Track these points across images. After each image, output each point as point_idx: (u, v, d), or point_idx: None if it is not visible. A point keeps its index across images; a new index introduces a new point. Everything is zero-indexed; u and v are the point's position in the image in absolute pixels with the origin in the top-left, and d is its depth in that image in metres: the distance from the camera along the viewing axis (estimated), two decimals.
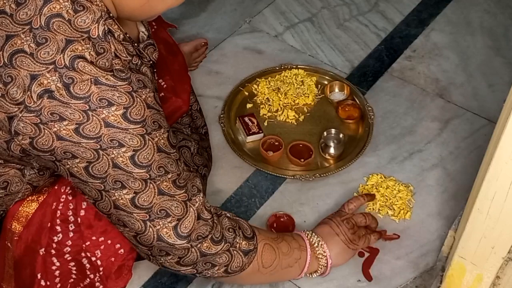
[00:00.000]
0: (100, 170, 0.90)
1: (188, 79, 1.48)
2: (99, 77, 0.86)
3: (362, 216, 1.31)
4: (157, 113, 0.93)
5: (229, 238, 1.05)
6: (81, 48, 0.86)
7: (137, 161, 0.91)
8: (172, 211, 0.97)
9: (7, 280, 1.14)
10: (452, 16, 1.96)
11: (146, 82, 0.92)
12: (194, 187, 1.02)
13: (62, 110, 0.85)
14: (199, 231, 1.01)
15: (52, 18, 0.85)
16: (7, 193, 1.04)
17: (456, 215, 1.37)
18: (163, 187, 0.95)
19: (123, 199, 0.94)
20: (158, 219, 0.96)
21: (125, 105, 0.87)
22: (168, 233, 0.98)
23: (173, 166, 0.96)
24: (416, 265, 1.35)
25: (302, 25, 1.92)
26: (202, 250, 1.02)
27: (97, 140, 0.87)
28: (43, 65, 0.85)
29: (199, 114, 1.49)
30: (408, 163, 1.54)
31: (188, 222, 0.99)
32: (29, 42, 0.85)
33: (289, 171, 1.50)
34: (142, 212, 0.95)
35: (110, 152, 0.89)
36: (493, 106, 1.67)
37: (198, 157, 1.28)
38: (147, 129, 0.90)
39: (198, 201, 1.01)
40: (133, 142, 0.89)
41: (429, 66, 1.79)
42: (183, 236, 0.99)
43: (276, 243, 1.15)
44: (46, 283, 1.10)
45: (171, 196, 0.96)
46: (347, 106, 1.62)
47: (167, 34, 1.50)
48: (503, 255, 1.10)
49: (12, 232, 1.09)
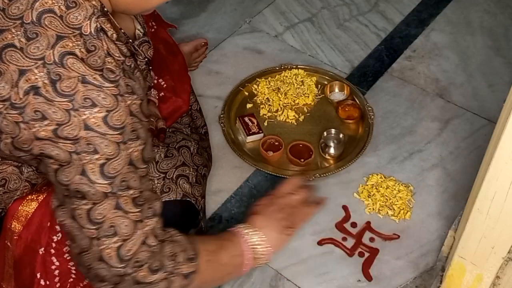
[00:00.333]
0: (67, 176, 0.89)
1: (188, 79, 1.48)
2: (87, 75, 0.85)
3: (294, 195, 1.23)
4: (138, 123, 0.90)
5: (169, 267, 1.01)
6: (71, 45, 0.85)
7: (105, 171, 0.89)
8: (121, 229, 0.94)
9: (7, 280, 1.13)
10: (452, 16, 1.96)
11: (135, 88, 0.90)
12: (151, 210, 0.99)
13: (46, 108, 0.84)
14: (138, 257, 0.97)
15: (44, 13, 0.85)
16: (6, 191, 1.04)
17: (456, 215, 1.37)
18: (121, 201, 0.93)
19: (80, 209, 0.92)
20: (105, 238, 0.94)
21: (108, 108, 0.86)
22: (110, 254, 0.95)
23: (136, 182, 0.93)
24: (416, 265, 1.35)
25: (302, 25, 1.92)
26: (137, 278, 0.99)
27: (74, 142, 0.86)
28: (32, 60, 0.84)
29: (199, 114, 1.49)
30: (408, 163, 1.54)
31: (133, 244, 0.96)
32: (19, 37, 0.84)
33: (289, 171, 1.50)
34: (92, 228, 0.93)
35: (83, 157, 0.87)
36: (493, 106, 1.67)
37: (198, 157, 1.28)
38: (124, 137, 0.88)
39: (149, 224, 0.98)
40: (108, 150, 0.88)
41: (429, 66, 1.80)
42: (124, 259, 0.96)
43: (216, 256, 1.11)
44: (45, 283, 1.10)
45: (125, 213, 0.94)
46: (347, 106, 1.62)
47: (167, 34, 1.50)
48: (503, 255, 1.10)
49: (12, 231, 1.09)
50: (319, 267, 1.34)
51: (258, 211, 1.22)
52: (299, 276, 1.32)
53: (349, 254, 1.36)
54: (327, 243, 1.38)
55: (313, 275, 1.33)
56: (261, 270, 1.32)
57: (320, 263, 1.35)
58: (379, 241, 1.39)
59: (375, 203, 1.44)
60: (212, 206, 1.44)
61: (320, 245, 1.38)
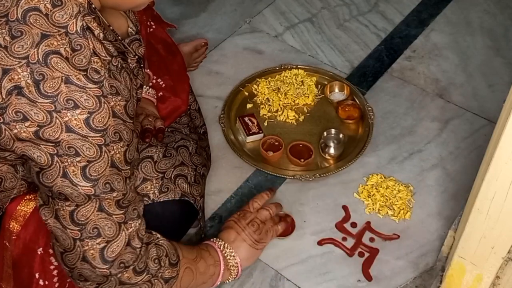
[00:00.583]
0: (49, 178, 0.89)
1: (187, 79, 1.48)
2: (70, 75, 0.84)
3: (265, 210, 1.31)
4: (121, 124, 0.90)
5: (153, 270, 1.03)
6: (56, 44, 0.84)
7: (87, 173, 0.89)
8: (105, 231, 0.95)
9: (6, 280, 1.13)
10: (452, 16, 1.96)
11: (120, 89, 0.90)
12: (135, 211, 0.99)
13: (28, 109, 0.84)
14: (123, 258, 0.98)
15: (29, 11, 0.84)
16: (2, 190, 1.04)
17: (456, 215, 1.37)
18: (104, 204, 0.93)
19: (64, 210, 0.93)
20: (88, 239, 0.95)
21: (90, 109, 0.85)
22: (94, 254, 0.96)
23: (120, 184, 0.93)
24: (416, 265, 1.35)
25: (302, 26, 1.92)
26: (122, 279, 1.00)
27: (55, 144, 0.86)
28: (16, 59, 0.83)
29: (198, 113, 1.49)
30: (408, 163, 1.54)
31: (117, 245, 0.97)
32: (4, 35, 0.84)
33: (289, 171, 1.50)
34: (75, 229, 0.94)
35: (64, 160, 0.87)
36: (493, 106, 1.67)
37: (196, 157, 1.28)
38: (106, 139, 0.88)
39: (133, 226, 0.99)
40: (89, 152, 0.87)
41: (429, 66, 1.79)
42: (108, 261, 0.97)
43: (195, 264, 1.14)
44: (44, 283, 1.10)
45: (109, 215, 0.94)
46: (347, 106, 1.62)
47: (166, 34, 1.50)
48: (503, 255, 1.10)
49: (10, 231, 1.09)
50: (319, 267, 1.34)
51: (230, 226, 1.28)
52: (299, 276, 1.32)
53: (349, 254, 1.36)
54: (327, 243, 1.38)
55: (313, 275, 1.32)
56: (261, 270, 1.32)
57: (320, 263, 1.35)
58: (379, 241, 1.39)
59: (375, 203, 1.44)
60: (212, 206, 1.44)
61: (320, 245, 1.38)
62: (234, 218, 1.29)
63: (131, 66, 1.00)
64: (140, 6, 0.96)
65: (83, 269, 0.98)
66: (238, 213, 1.31)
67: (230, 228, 1.27)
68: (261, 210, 1.31)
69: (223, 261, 1.22)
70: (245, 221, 1.28)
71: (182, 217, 1.23)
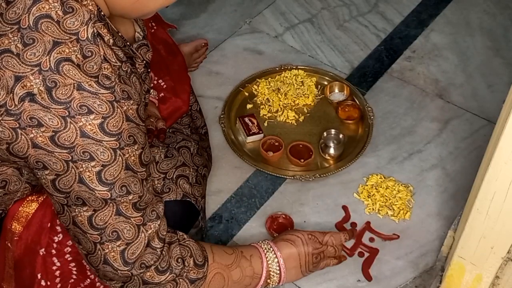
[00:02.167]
0: (66, 184, 0.89)
1: (187, 79, 1.48)
2: (82, 82, 0.85)
3: (333, 250, 1.26)
4: (135, 127, 0.91)
5: (176, 269, 1.03)
6: (68, 51, 0.84)
7: (103, 178, 0.89)
8: (124, 234, 0.96)
9: (7, 280, 1.14)
10: (452, 17, 1.97)
11: (131, 93, 0.90)
12: (154, 212, 1.00)
13: (42, 115, 0.84)
14: (143, 259, 0.99)
15: (40, 18, 0.84)
16: (6, 192, 1.04)
17: (455, 215, 1.37)
18: (121, 207, 0.94)
19: (81, 216, 0.93)
20: (108, 242, 0.95)
21: (104, 114, 0.86)
22: (115, 257, 0.97)
23: (136, 186, 0.94)
24: (416, 265, 1.35)
25: (302, 26, 1.92)
26: (145, 279, 1.01)
27: (70, 150, 0.86)
28: (28, 67, 0.83)
29: (199, 114, 1.50)
30: (408, 164, 1.54)
31: (136, 247, 0.97)
32: (16, 42, 0.84)
33: (289, 172, 1.51)
34: (95, 234, 0.95)
35: (79, 165, 0.87)
36: (492, 106, 1.67)
37: (197, 158, 1.28)
38: (121, 143, 0.88)
39: (153, 227, 0.99)
40: (104, 156, 0.88)
41: (429, 66, 1.80)
42: (129, 262, 0.97)
43: (228, 271, 1.12)
44: (46, 283, 1.10)
45: (127, 218, 0.95)
46: (347, 106, 1.63)
47: (166, 35, 1.51)
48: (503, 255, 1.10)
49: (12, 232, 1.09)
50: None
51: (293, 241, 1.22)
52: None
53: (349, 254, 1.36)
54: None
55: (313, 275, 1.32)
56: None
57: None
58: (379, 241, 1.39)
59: (375, 203, 1.45)
60: (212, 206, 1.44)
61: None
62: (303, 238, 1.22)
63: (139, 71, 1.01)
64: (148, 14, 0.96)
65: (105, 271, 0.99)
66: (308, 235, 1.23)
67: (294, 246, 1.21)
68: (330, 247, 1.26)
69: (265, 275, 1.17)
70: (312, 249, 1.22)
71: (184, 217, 1.23)
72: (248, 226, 1.41)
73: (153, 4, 0.92)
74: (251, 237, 1.39)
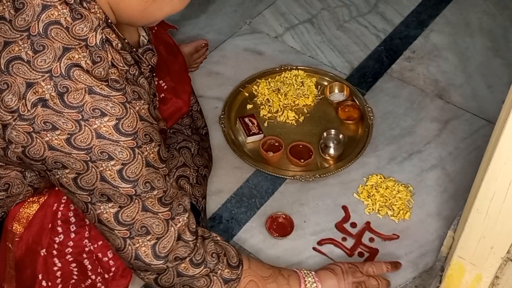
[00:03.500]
0: (88, 182, 0.90)
1: (188, 80, 1.48)
2: (93, 86, 0.85)
3: (376, 281, 1.24)
4: (149, 126, 0.92)
5: (210, 264, 1.04)
6: (77, 56, 0.85)
7: (125, 176, 0.90)
8: (153, 229, 0.96)
9: (8, 281, 1.14)
10: (452, 17, 1.97)
11: (141, 93, 0.92)
12: (181, 206, 1.00)
13: (55, 119, 0.85)
14: (177, 252, 1.00)
15: (50, 25, 0.85)
16: (8, 195, 1.04)
17: (455, 215, 1.37)
18: (147, 204, 0.94)
19: (107, 213, 0.94)
20: (138, 237, 0.96)
21: (118, 116, 0.87)
22: (146, 251, 0.97)
23: (160, 182, 0.95)
24: (416, 265, 1.35)
25: (302, 26, 1.92)
26: (179, 270, 1.01)
27: (87, 151, 0.87)
28: (39, 73, 0.84)
29: (200, 115, 1.50)
30: (408, 164, 1.55)
31: (167, 241, 0.98)
32: (26, 49, 0.84)
33: (289, 172, 1.51)
34: (123, 229, 0.95)
35: (99, 165, 0.88)
36: (492, 106, 1.67)
37: (198, 158, 1.28)
38: (138, 142, 0.89)
39: (181, 221, 1.00)
40: (123, 155, 0.89)
41: (429, 67, 1.80)
42: (161, 256, 0.98)
43: (264, 283, 1.11)
44: (47, 284, 1.11)
45: (154, 214, 0.96)
46: (346, 107, 1.63)
47: (167, 35, 1.51)
48: (502, 255, 1.11)
49: (13, 233, 1.09)
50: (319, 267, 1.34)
51: (335, 272, 1.22)
52: None
53: (348, 254, 1.37)
54: (327, 243, 1.39)
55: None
56: None
57: (320, 263, 1.35)
58: (379, 241, 1.39)
59: (374, 203, 1.45)
60: (212, 207, 1.44)
61: (320, 245, 1.38)
62: (344, 266, 1.23)
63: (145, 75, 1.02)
64: (154, 23, 0.97)
65: (138, 265, 1.00)
66: (349, 265, 1.23)
67: (334, 274, 1.20)
68: (372, 278, 1.24)
69: None
70: (353, 278, 1.21)
71: None
72: (248, 226, 1.42)
73: (159, 13, 0.93)
74: (251, 237, 1.39)
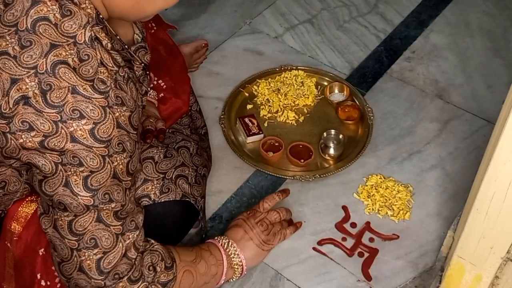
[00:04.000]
0: (51, 186, 0.90)
1: (188, 80, 1.49)
2: (77, 86, 0.85)
3: (275, 212, 1.30)
4: (125, 135, 0.90)
5: (149, 277, 1.04)
6: (64, 54, 0.84)
7: (88, 184, 0.89)
8: (102, 242, 0.96)
9: (7, 280, 1.14)
10: (451, 17, 1.97)
11: (125, 100, 0.90)
12: (133, 222, 1.00)
13: (34, 118, 0.84)
14: (118, 270, 0.99)
15: (38, 21, 0.84)
16: (5, 193, 1.04)
17: (455, 215, 1.37)
18: (102, 214, 0.94)
19: (62, 220, 0.93)
20: (85, 249, 0.95)
21: (96, 120, 0.86)
22: (90, 265, 0.97)
23: (119, 195, 0.94)
24: (416, 265, 1.35)
25: (302, 27, 1.92)
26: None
27: (60, 153, 0.87)
28: (24, 69, 0.84)
29: (199, 114, 1.50)
30: (408, 164, 1.55)
31: (113, 257, 0.98)
32: (13, 45, 0.84)
33: (289, 172, 1.51)
34: (73, 239, 0.95)
35: (68, 169, 0.88)
36: (492, 107, 1.67)
37: (197, 158, 1.28)
38: (110, 150, 0.89)
39: (131, 238, 0.99)
40: (93, 163, 0.88)
41: (428, 67, 1.80)
42: (104, 272, 0.97)
43: (194, 265, 1.14)
44: (46, 283, 1.11)
45: (106, 226, 0.95)
46: (346, 107, 1.63)
47: (167, 35, 1.51)
48: (502, 255, 1.11)
49: (12, 232, 1.09)
50: (319, 267, 1.35)
51: (238, 224, 1.27)
52: (299, 276, 1.33)
53: (348, 254, 1.37)
54: (327, 243, 1.39)
55: (313, 275, 1.33)
56: (261, 270, 1.33)
57: (320, 263, 1.35)
58: (379, 241, 1.39)
59: (374, 203, 1.45)
60: (212, 207, 1.44)
61: (320, 245, 1.38)
62: (243, 216, 1.29)
63: (137, 73, 1.01)
64: (147, 17, 0.97)
65: (79, 280, 0.98)
66: (247, 212, 1.30)
67: (238, 226, 1.26)
68: (271, 211, 1.30)
69: (227, 260, 1.21)
70: (254, 220, 1.27)
71: (183, 217, 1.24)
72: None
73: (151, 7, 0.92)
74: None
